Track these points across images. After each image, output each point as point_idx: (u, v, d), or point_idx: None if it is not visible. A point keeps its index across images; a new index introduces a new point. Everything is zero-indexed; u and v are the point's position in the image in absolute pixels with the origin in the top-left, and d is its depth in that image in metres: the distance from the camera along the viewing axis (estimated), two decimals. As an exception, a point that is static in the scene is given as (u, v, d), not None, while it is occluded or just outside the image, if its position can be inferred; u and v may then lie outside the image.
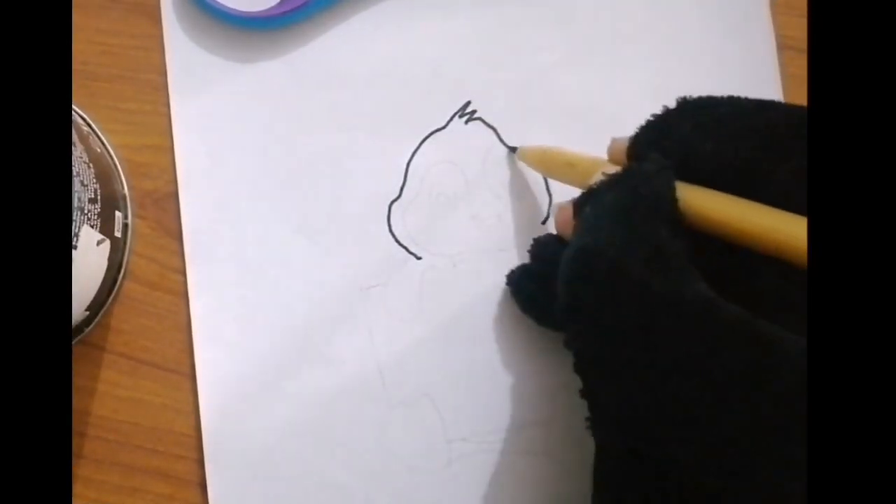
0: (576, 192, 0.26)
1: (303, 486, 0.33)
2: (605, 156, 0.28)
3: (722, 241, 0.23)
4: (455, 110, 0.35)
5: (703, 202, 0.23)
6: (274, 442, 0.33)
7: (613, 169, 0.25)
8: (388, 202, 0.34)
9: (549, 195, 0.34)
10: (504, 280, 0.33)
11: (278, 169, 0.34)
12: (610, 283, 0.22)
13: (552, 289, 0.25)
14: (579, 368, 0.24)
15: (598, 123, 0.34)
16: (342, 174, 0.34)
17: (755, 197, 0.23)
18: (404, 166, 0.34)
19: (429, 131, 0.35)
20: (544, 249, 0.31)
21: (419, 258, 0.34)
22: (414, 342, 0.33)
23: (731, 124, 0.24)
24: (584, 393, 0.24)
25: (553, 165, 0.31)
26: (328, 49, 0.35)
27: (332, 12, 0.35)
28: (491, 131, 0.35)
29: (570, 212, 0.26)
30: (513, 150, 0.34)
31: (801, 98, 0.34)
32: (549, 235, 0.32)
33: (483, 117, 0.35)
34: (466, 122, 0.35)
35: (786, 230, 0.21)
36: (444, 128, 0.35)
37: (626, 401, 0.23)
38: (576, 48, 0.35)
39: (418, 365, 0.33)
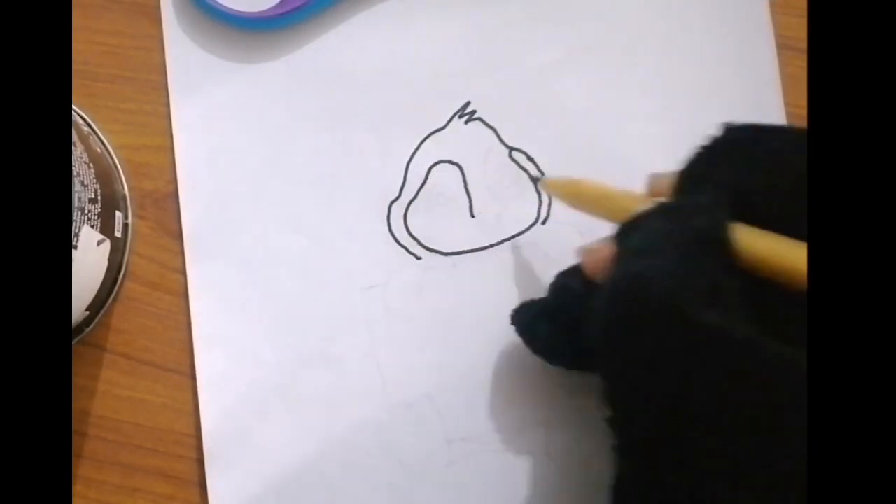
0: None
1: (302, 485, 0.33)
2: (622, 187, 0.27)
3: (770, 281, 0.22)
4: (455, 110, 0.35)
5: (756, 244, 0.22)
6: (274, 442, 0.33)
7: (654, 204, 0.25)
8: (388, 202, 0.34)
9: (549, 195, 0.34)
10: (503, 279, 0.33)
11: (278, 169, 0.34)
12: (661, 314, 0.22)
13: (572, 328, 0.24)
14: (610, 396, 0.23)
15: (599, 123, 0.34)
16: (342, 174, 0.34)
17: (804, 233, 0.22)
18: (404, 166, 0.34)
19: (429, 131, 0.35)
20: (564, 292, 0.30)
21: (419, 258, 0.34)
22: (414, 342, 0.33)
23: (778, 158, 0.23)
24: (613, 421, 0.24)
25: (585, 198, 0.30)
26: (328, 49, 0.35)
27: (332, 12, 0.35)
28: (491, 131, 0.35)
29: (602, 252, 0.25)
30: (535, 180, 0.34)
31: (800, 98, 0.34)
32: (572, 274, 0.30)
33: (483, 117, 0.35)
34: (466, 122, 0.35)
35: None
36: (444, 128, 0.35)
37: (659, 431, 0.22)
38: (576, 48, 0.35)
39: (418, 365, 0.33)
